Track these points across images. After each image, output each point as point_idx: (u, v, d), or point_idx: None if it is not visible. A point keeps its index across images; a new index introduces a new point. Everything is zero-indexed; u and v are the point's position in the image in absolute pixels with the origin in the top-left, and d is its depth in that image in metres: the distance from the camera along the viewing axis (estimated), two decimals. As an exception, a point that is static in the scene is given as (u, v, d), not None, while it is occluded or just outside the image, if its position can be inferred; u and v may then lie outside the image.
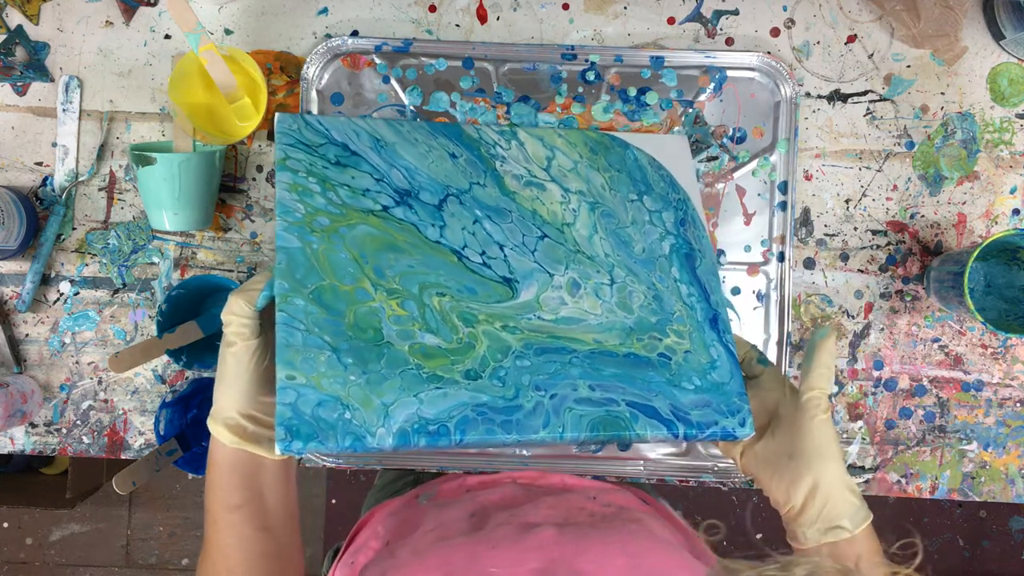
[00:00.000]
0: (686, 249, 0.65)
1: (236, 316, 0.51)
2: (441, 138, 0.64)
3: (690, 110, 0.77)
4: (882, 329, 0.78)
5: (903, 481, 0.79)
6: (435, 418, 0.51)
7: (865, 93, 0.78)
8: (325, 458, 0.77)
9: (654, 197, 0.67)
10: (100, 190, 0.79)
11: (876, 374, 0.78)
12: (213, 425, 0.53)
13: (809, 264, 0.78)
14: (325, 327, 0.51)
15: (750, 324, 0.77)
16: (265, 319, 0.53)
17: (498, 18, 0.78)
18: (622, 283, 0.61)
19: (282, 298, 0.51)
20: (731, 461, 0.76)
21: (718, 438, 0.57)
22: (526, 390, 0.54)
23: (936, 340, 0.78)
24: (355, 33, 0.78)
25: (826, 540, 0.53)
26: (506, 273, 0.59)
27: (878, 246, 0.78)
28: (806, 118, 0.78)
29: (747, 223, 0.77)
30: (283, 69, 0.78)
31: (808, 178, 0.78)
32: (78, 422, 0.79)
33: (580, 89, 0.77)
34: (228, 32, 0.79)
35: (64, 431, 0.79)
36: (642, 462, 0.77)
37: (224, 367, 0.52)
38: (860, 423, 0.78)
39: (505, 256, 0.60)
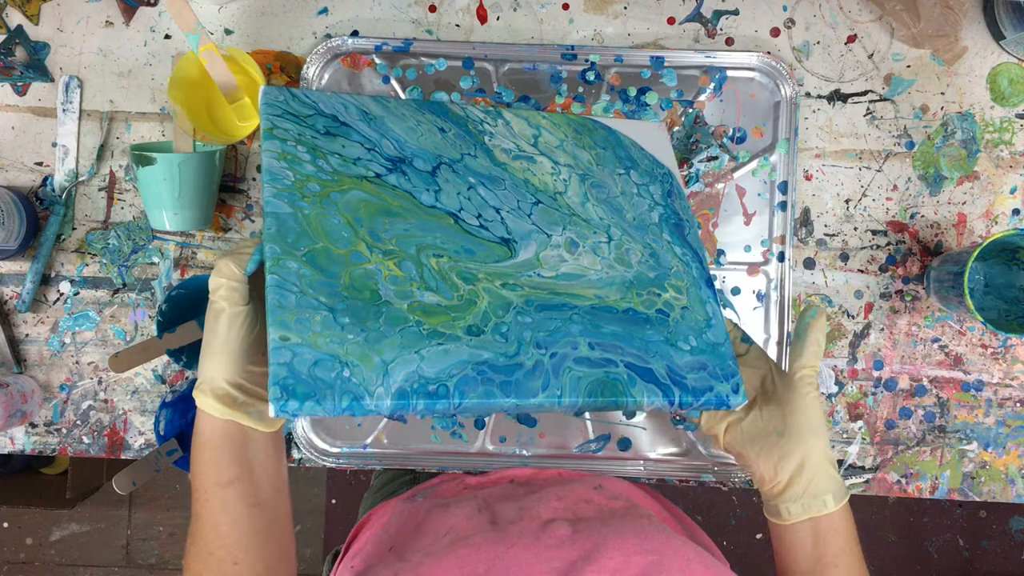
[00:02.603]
0: (675, 219, 0.65)
1: (226, 279, 0.50)
2: (428, 114, 0.64)
3: (690, 110, 0.77)
4: (882, 329, 0.78)
5: (903, 481, 0.79)
6: (435, 377, 0.49)
7: (865, 93, 0.78)
8: (325, 458, 0.77)
9: (640, 172, 0.67)
10: (100, 190, 0.79)
11: (876, 374, 0.78)
12: (201, 397, 0.51)
13: (809, 264, 0.78)
14: (320, 288, 0.49)
15: (750, 324, 0.77)
16: (253, 287, 0.51)
17: (498, 18, 0.78)
18: (619, 241, 0.61)
19: (273, 261, 0.49)
20: (729, 457, 0.76)
21: (712, 406, 0.55)
22: (527, 346, 0.52)
23: (936, 340, 0.78)
24: (355, 33, 0.78)
25: (808, 515, 0.54)
26: (504, 234, 0.58)
27: (878, 246, 0.78)
28: (806, 118, 0.78)
29: (747, 223, 0.77)
30: (283, 69, 0.78)
31: (808, 178, 0.78)
32: (78, 422, 0.79)
33: (580, 89, 0.77)
34: (228, 32, 0.79)
35: (64, 431, 0.79)
36: (642, 462, 0.77)
37: (212, 336, 0.50)
38: (860, 423, 0.78)
39: (502, 218, 0.59)
